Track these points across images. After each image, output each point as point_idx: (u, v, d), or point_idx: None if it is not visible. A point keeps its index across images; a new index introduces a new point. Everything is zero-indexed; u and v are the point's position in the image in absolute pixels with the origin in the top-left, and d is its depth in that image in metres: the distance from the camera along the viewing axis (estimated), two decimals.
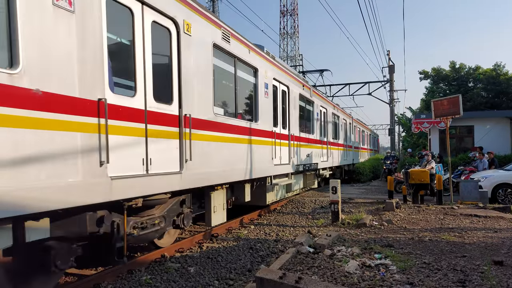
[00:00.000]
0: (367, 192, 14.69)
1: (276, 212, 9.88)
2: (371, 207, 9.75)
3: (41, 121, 3.23)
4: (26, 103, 3.11)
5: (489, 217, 7.88)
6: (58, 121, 3.38)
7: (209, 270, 5.09)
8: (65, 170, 3.42)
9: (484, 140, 16.50)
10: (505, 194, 10.84)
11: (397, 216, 8.19)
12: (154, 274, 4.84)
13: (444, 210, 8.87)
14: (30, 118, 3.13)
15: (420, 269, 4.43)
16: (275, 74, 9.32)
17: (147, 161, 4.57)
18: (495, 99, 24.68)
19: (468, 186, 10.48)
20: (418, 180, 10.29)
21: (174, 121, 5.17)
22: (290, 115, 10.16)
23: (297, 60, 43.02)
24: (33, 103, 3.17)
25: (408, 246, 5.62)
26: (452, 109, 10.23)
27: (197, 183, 5.63)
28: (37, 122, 3.20)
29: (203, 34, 5.91)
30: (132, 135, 4.36)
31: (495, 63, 25.87)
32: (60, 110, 3.40)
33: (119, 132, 4.16)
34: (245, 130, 7.39)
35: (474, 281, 3.96)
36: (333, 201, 7.89)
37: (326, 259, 4.82)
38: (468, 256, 4.96)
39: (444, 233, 6.45)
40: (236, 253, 5.87)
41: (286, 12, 49.62)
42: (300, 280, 3.48)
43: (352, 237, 6.34)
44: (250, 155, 7.60)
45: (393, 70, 25.54)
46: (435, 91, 26.98)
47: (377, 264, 4.57)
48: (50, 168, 3.29)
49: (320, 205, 10.73)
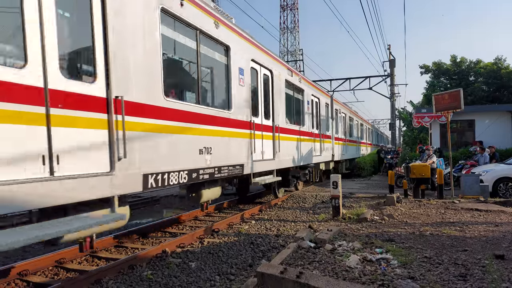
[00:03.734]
0: (368, 186, 14.68)
1: (277, 207, 9.88)
2: (372, 202, 9.74)
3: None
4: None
5: (490, 211, 7.87)
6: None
7: (210, 265, 5.10)
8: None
9: (485, 134, 16.46)
10: (506, 188, 10.83)
11: (398, 210, 8.18)
12: (155, 269, 4.85)
13: (445, 204, 8.86)
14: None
15: (421, 263, 4.42)
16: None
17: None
18: (496, 93, 24.57)
19: (469, 180, 10.46)
20: (419, 174, 10.27)
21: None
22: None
23: (297, 55, 42.85)
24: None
25: (409, 240, 5.62)
26: (453, 103, 10.19)
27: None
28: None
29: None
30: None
31: (496, 56, 25.75)
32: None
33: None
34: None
35: (475, 275, 3.95)
36: (334, 196, 7.88)
37: (327, 254, 4.81)
38: (469, 250, 4.95)
39: (445, 227, 6.44)
40: (237, 248, 5.87)
41: (286, 7, 49.34)
42: (301, 275, 3.48)
43: (353, 232, 6.34)
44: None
45: (394, 64, 25.47)
46: (436, 85, 26.86)
47: (378, 258, 4.57)
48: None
49: (321, 200, 10.73)
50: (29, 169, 3.24)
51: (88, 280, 4.34)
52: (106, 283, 4.37)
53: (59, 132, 3.51)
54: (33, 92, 3.30)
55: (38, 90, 3.34)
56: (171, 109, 5.09)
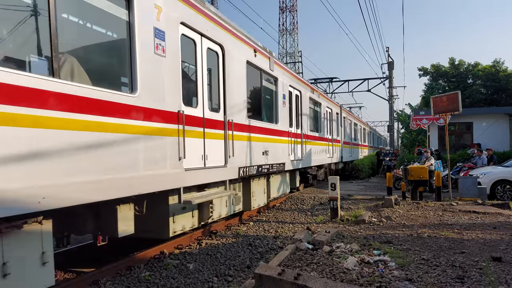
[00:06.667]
0: (366, 188, 14.70)
1: (275, 209, 9.88)
2: (370, 204, 9.76)
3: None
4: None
5: (488, 213, 7.89)
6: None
7: (208, 267, 5.10)
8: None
9: (483, 137, 16.51)
10: (503, 190, 10.86)
11: (396, 212, 8.19)
12: (153, 271, 4.84)
13: (443, 206, 8.88)
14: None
15: (418, 265, 4.43)
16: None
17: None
18: (494, 96, 24.65)
19: (467, 182, 10.49)
20: (417, 176, 10.29)
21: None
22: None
23: (296, 57, 42.94)
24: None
25: (407, 242, 5.63)
26: (451, 106, 10.22)
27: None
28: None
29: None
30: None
31: (494, 59, 25.83)
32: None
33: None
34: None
35: (472, 277, 3.96)
36: (332, 198, 7.89)
37: (325, 255, 4.82)
38: (466, 253, 4.96)
39: (443, 230, 6.45)
40: (235, 250, 5.87)
41: (285, 9, 49.47)
42: (299, 277, 3.48)
43: (351, 234, 6.34)
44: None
45: (392, 66, 25.54)
46: (434, 87, 26.94)
47: (376, 260, 4.57)
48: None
49: (319, 201, 10.74)
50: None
51: (85, 281, 4.34)
52: (104, 284, 4.36)
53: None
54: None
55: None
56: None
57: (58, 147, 3.43)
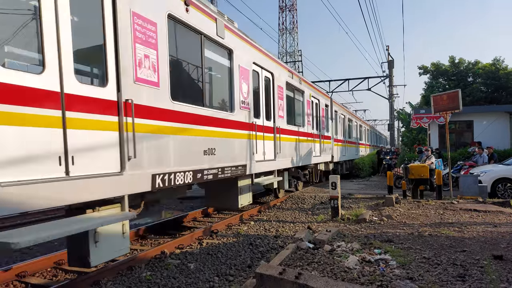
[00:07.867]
0: (366, 187, 14.70)
1: (276, 208, 9.88)
2: (370, 203, 9.76)
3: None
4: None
5: (489, 211, 7.89)
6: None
7: (209, 266, 5.10)
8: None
9: (484, 135, 16.50)
10: (504, 188, 10.85)
11: (397, 211, 8.19)
12: (154, 271, 4.84)
13: (443, 205, 8.88)
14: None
15: (420, 264, 4.43)
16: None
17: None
18: (495, 94, 24.62)
19: (468, 181, 10.48)
20: (417, 175, 10.28)
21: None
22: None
23: (296, 56, 42.92)
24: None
25: (407, 241, 5.63)
26: (452, 104, 10.22)
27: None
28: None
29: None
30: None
31: (494, 57, 25.80)
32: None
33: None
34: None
35: (474, 275, 3.96)
36: (333, 197, 7.89)
37: (326, 254, 4.82)
38: (467, 251, 4.96)
39: (444, 228, 6.45)
40: (236, 249, 5.87)
41: (285, 8, 49.43)
42: (300, 276, 3.48)
43: (352, 233, 6.34)
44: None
45: (392, 65, 25.54)
46: (434, 86, 26.91)
47: (377, 259, 4.57)
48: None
49: (319, 200, 10.74)
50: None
51: (86, 281, 4.34)
52: (105, 285, 4.36)
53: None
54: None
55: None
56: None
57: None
